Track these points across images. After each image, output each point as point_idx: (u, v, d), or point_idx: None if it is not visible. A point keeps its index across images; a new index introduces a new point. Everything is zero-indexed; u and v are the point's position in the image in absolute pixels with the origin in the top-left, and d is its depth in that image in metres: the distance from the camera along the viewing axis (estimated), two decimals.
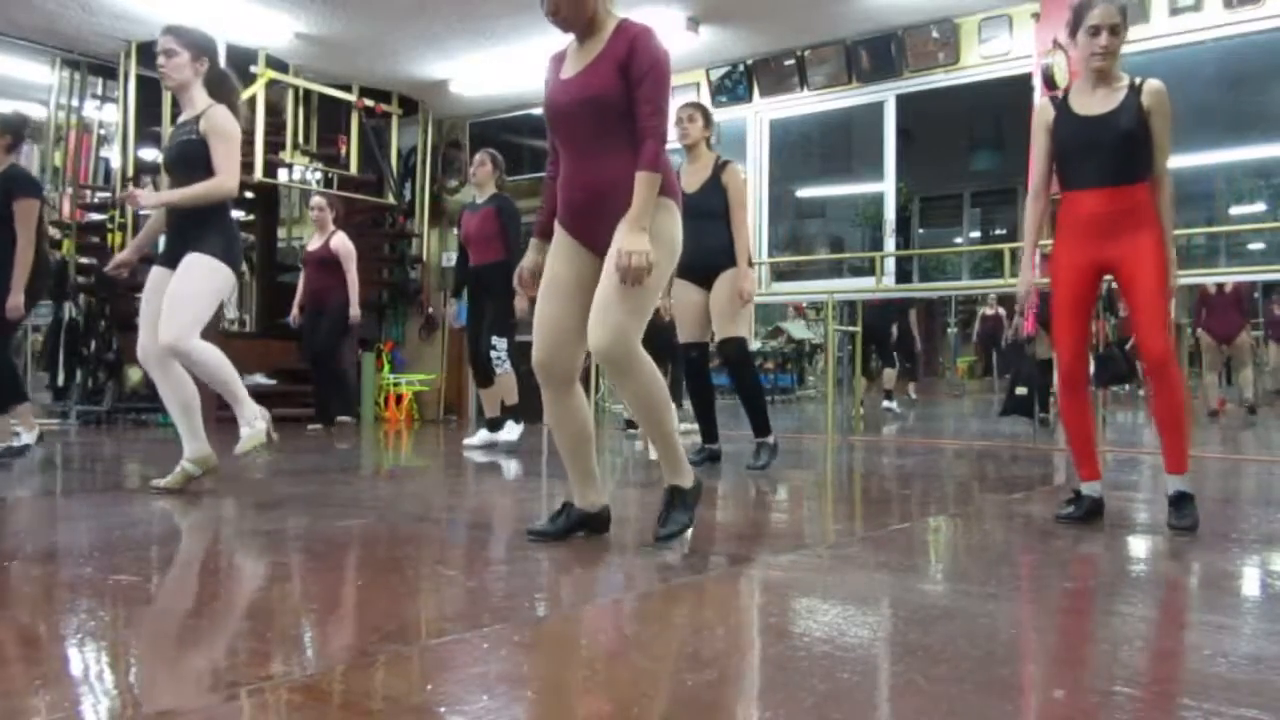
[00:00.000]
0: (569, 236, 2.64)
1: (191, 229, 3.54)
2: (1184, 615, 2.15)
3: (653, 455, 3.11)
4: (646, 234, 2.43)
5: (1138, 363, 11.24)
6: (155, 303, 3.58)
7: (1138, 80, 2.95)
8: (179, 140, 3.58)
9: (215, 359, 3.56)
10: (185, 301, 3.46)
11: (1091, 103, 2.99)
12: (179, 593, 2.26)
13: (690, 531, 2.70)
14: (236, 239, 3.67)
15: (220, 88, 3.64)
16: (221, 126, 3.52)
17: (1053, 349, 3.03)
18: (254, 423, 3.66)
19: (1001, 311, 11.54)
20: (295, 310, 6.98)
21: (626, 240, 2.41)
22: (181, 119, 3.66)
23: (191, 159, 3.52)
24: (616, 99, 2.48)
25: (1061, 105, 3.06)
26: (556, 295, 2.63)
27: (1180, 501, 2.91)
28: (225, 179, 3.50)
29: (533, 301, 2.74)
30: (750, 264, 4.51)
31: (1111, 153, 2.92)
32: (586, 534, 2.73)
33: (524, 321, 3.75)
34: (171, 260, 3.57)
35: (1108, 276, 3.06)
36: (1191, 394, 7.74)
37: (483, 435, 5.82)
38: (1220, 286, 8.41)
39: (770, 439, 4.61)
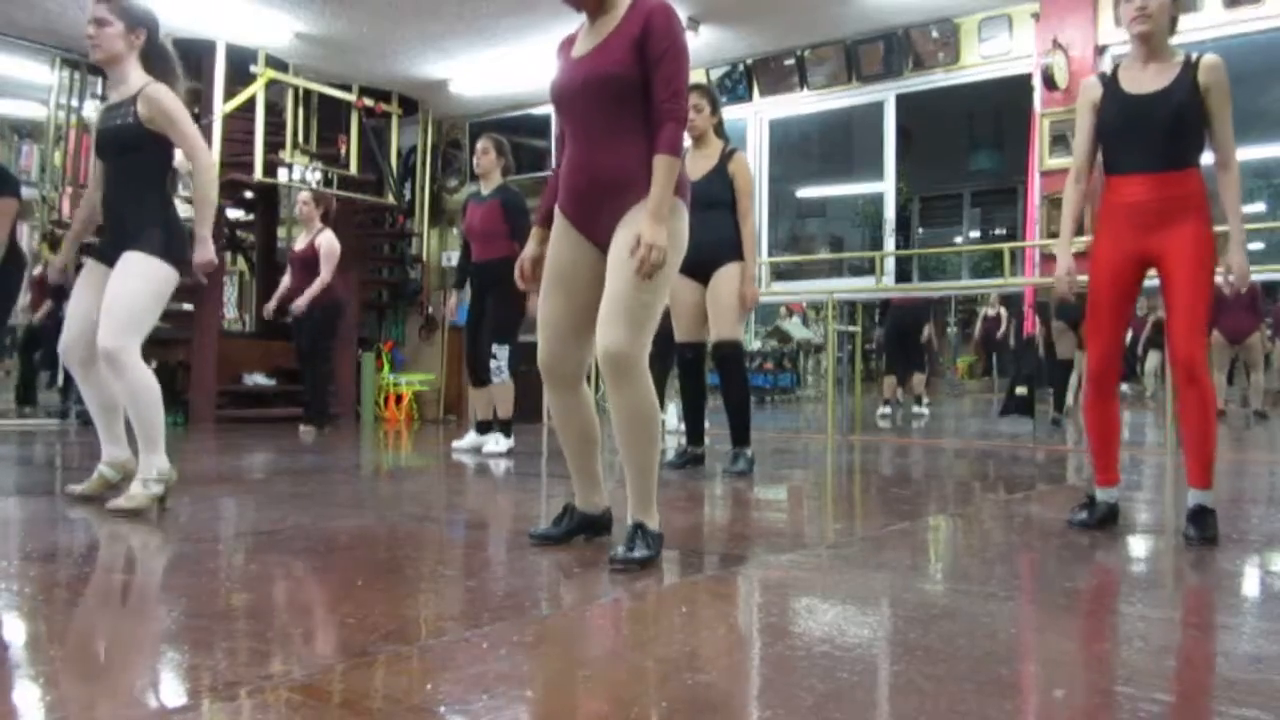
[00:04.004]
0: (570, 226, 2.52)
1: (130, 221, 3.23)
2: (1184, 615, 2.15)
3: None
4: (666, 225, 2.31)
5: (1137, 365, 11.21)
6: (86, 298, 3.30)
7: (1194, 56, 2.75)
8: (112, 125, 3.27)
9: (148, 390, 3.18)
10: (123, 305, 3.15)
11: (1141, 79, 2.79)
12: (178, 592, 2.26)
13: (651, 559, 2.39)
14: (180, 233, 3.31)
15: (159, 66, 3.30)
16: (167, 108, 3.19)
17: (1085, 347, 2.86)
18: (151, 485, 3.16)
19: (1003, 312, 11.54)
20: (272, 303, 6.79)
21: (647, 230, 2.29)
22: (113, 100, 3.33)
23: (128, 143, 3.22)
24: (629, 78, 2.34)
25: (1109, 82, 2.85)
26: (559, 292, 2.52)
27: (1200, 515, 2.74)
28: (205, 154, 3.26)
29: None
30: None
31: (1159, 134, 2.72)
32: (588, 536, 2.71)
33: (530, 320, 3.60)
34: (109, 256, 3.27)
35: (1151, 273, 2.86)
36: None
37: (471, 438, 5.64)
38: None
39: (748, 450, 4.46)
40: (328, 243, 6.62)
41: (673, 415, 6.62)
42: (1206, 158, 2.82)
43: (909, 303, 9.17)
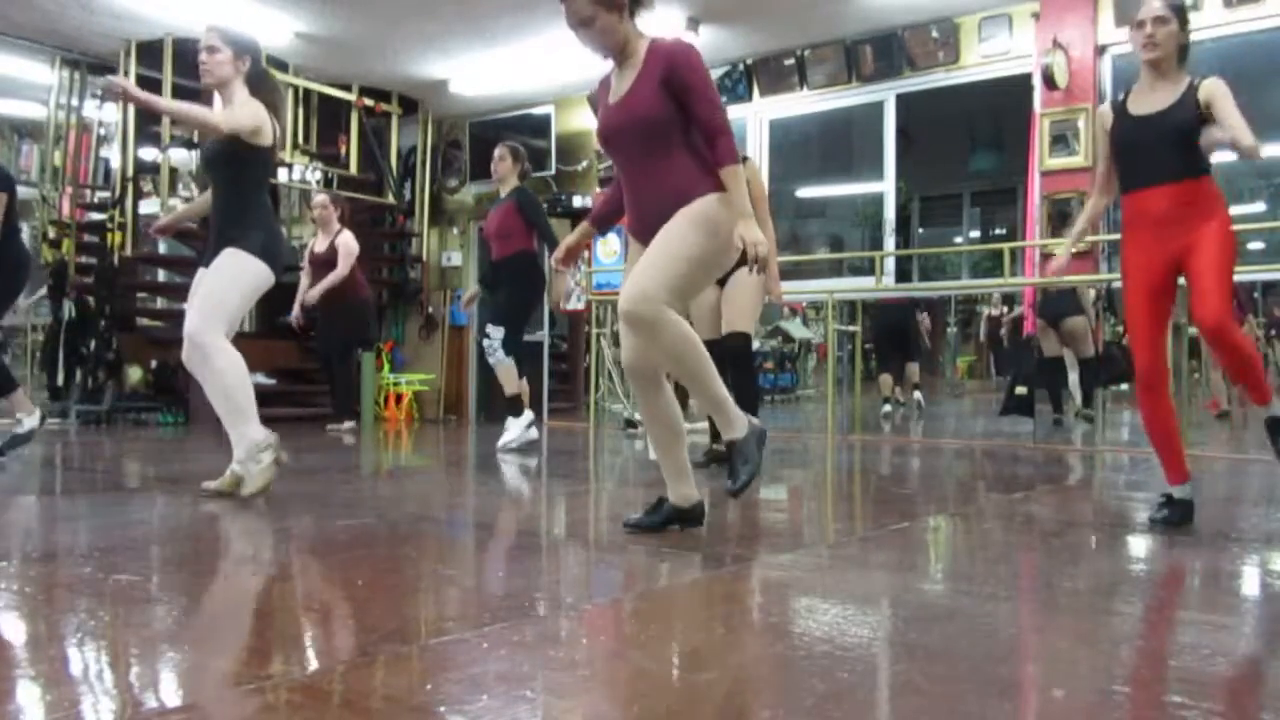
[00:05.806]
0: (639, 243, 2.75)
1: (230, 227, 3.44)
2: (1183, 615, 2.16)
3: (652, 455, 3.09)
4: (754, 220, 2.60)
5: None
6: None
7: (1197, 80, 2.89)
8: (219, 143, 3.47)
9: (235, 366, 3.34)
10: (211, 294, 3.35)
11: (1147, 102, 2.94)
12: (179, 592, 2.26)
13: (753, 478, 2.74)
14: (276, 235, 3.57)
15: (261, 87, 3.55)
16: (237, 108, 3.42)
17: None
18: (261, 456, 3.33)
19: (1007, 311, 11.52)
20: (296, 308, 6.81)
21: (742, 230, 2.57)
22: None
23: (231, 159, 3.43)
24: (662, 115, 2.59)
25: (1119, 107, 3.02)
26: None
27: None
28: (223, 115, 3.38)
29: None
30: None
31: (1167, 149, 2.86)
32: (681, 527, 2.77)
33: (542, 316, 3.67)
34: (209, 262, 3.49)
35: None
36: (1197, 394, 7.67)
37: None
38: None
39: None
40: (346, 242, 6.78)
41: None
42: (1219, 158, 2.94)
43: (893, 301, 9.20)
